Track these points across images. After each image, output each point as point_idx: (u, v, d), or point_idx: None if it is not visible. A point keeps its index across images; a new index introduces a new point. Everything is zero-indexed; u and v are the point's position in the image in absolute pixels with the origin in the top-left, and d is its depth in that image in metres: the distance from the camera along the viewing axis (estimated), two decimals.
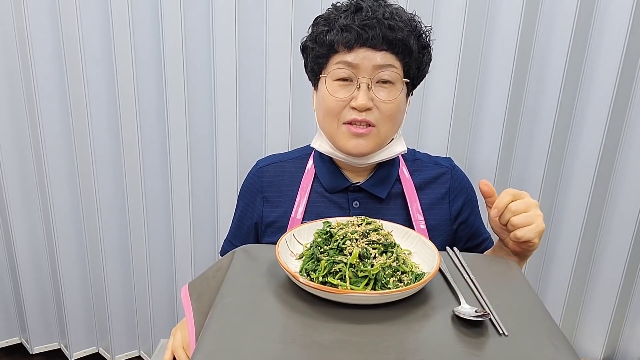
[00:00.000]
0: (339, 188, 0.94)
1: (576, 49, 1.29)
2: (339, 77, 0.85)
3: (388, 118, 0.86)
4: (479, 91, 1.36)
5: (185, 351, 0.84)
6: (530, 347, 0.57)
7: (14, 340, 1.81)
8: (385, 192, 0.94)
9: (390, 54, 0.83)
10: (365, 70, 0.83)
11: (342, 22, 0.83)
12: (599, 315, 1.52)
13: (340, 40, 0.83)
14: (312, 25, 0.90)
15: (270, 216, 0.98)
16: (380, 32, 0.81)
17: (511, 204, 0.77)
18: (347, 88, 0.85)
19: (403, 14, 0.85)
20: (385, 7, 0.85)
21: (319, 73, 0.89)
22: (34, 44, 1.39)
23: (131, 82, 1.41)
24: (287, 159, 1.02)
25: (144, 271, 1.62)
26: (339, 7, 0.87)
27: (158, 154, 1.49)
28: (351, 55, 0.83)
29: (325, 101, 0.87)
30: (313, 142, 0.95)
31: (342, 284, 0.65)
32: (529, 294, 0.70)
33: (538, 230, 0.78)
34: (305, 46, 0.91)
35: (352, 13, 0.84)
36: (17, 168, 1.55)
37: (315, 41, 0.87)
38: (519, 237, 0.77)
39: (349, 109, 0.85)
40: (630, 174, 1.37)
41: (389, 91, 0.85)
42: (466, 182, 1.00)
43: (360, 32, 0.81)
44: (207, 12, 1.34)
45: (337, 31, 0.83)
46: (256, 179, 1.01)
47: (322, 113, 0.89)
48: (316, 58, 0.88)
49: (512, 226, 0.78)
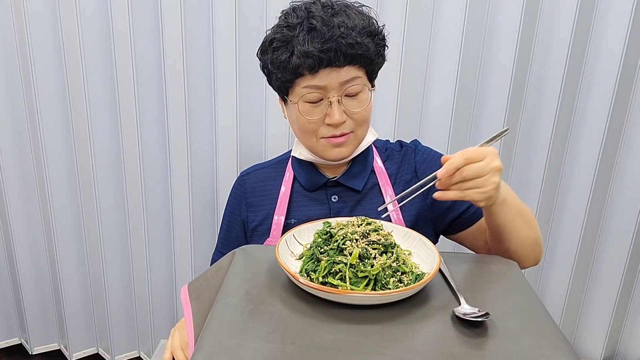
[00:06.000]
0: (317, 185, 0.98)
1: (576, 49, 1.29)
2: (309, 100, 0.87)
3: (362, 123, 0.91)
4: (479, 91, 1.36)
5: (184, 351, 0.84)
6: (530, 347, 0.57)
7: (13, 340, 1.81)
8: (362, 183, 0.97)
9: (352, 66, 0.86)
10: (333, 88, 0.86)
11: (301, 49, 0.83)
12: (599, 315, 1.52)
13: (303, 65, 0.84)
14: (269, 47, 0.88)
15: (254, 220, 1.02)
16: (340, 51, 0.83)
17: (463, 168, 0.71)
18: (319, 107, 0.88)
19: (356, 20, 0.85)
20: (336, 15, 0.84)
21: (287, 94, 0.91)
22: (34, 44, 1.39)
23: (131, 82, 1.40)
24: (267, 166, 1.08)
25: (143, 272, 1.62)
26: (290, 24, 0.85)
27: (158, 154, 1.49)
28: (317, 78, 0.85)
29: (300, 122, 0.90)
30: (293, 151, 1.01)
31: (342, 284, 0.65)
32: (529, 294, 0.70)
33: (485, 195, 0.73)
34: (267, 68, 0.91)
35: (307, 33, 0.83)
36: (17, 169, 1.55)
37: (279, 67, 0.87)
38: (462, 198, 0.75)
39: (325, 126, 0.89)
40: (630, 174, 1.37)
41: (359, 100, 0.89)
42: (432, 155, 1.00)
43: (321, 56, 0.82)
44: (207, 13, 1.34)
45: (299, 57, 0.83)
46: (239, 187, 1.07)
47: (298, 131, 0.93)
48: (282, 82, 0.89)
49: (460, 191, 0.74)
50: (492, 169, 0.72)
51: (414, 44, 1.32)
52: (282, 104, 0.98)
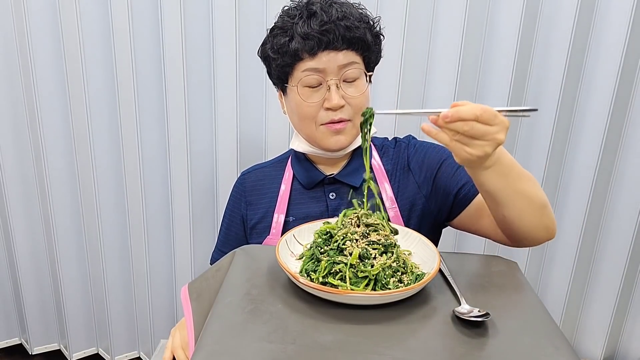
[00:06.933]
0: (315, 182, 0.99)
1: (576, 49, 1.29)
2: (308, 84, 0.89)
3: (359, 110, 0.90)
4: (480, 91, 1.36)
5: (184, 351, 0.84)
6: (530, 347, 0.57)
7: (14, 340, 1.81)
8: (359, 180, 0.97)
9: (351, 51, 0.89)
10: (332, 71, 0.88)
11: (301, 31, 0.86)
12: (599, 315, 1.52)
13: (303, 48, 0.87)
14: (269, 36, 0.93)
15: (254, 218, 1.03)
16: (339, 33, 0.86)
17: (469, 122, 0.64)
18: (318, 92, 0.90)
19: (353, 10, 0.90)
20: (334, 5, 0.88)
21: (287, 81, 0.93)
22: (34, 44, 1.39)
23: (131, 82, 1.40)
24: (267, 165, 1.10)
25: (143, 272, 1.62)
26: (290, 14, 0.90)
27: (158, 154, 1.49)
28: (315, 60, 0.87)
29: (299, 107, 0.91)
30: (291, 144, 1.01)
31: (342, 284, 0.65)
32: (529, 294, 0.70)
33: (469, 158, 0.68)
34: (267, 56, 0.94)
35: (307, 18, 0.87)
36: (17, 169, 1.55)
37: (278, 52, 0.90)
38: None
39: (323, 110, 0.90)
40: (630, 174, 1.37)
41: (357, 86, 0.91)
42: (423, 147, 1.00)
43: (321, 37, 0.85)
44: (207, 12, 1.34)
45: (298, 39, 0.86)
46: (239, 186, 1.08)
47: (297, 118, 0.94)
48: (281, 67, 0.91)
49: (449, 137, 0.68)
50: (494, 138, 0.66)
51: (414, 44, 1.32)
52: (281, 99, 1.00)
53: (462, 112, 0.64)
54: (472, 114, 0.64)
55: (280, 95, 1.00)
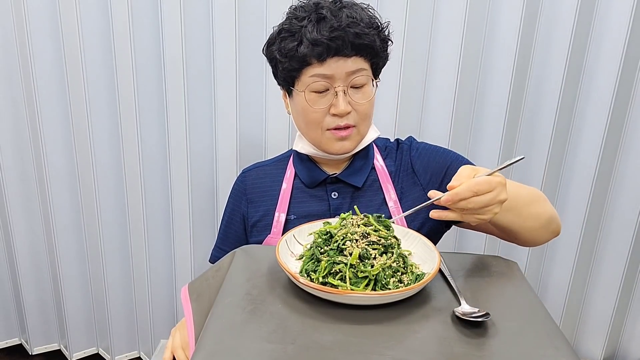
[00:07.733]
0: (318, 181, 0.99)
1: (576, 49, 1.29)
2: (316, 89, 0.88)
3: (365, 117, 0.92)
4: (480, 92, 1.36)
5: (184, 351, 0.84)
6: (530, 347, 0.57)
7: (13, 340, 1.81)
8: (362, 180, 0.97)
9: (359, 57, 0.88)
10: (340, 78, 0.87)
11: (310, 36, 0.84)
12: (599, 315, 1.52)
13: (311, 54, 0.86)
14: (277, 37, 0.91)
15: (254, 216, 1.03)
16: (349, 40, 0.85)
17: (470, 200, 0.68)
18: (325, 97, 0.89)
19: (363, 14, 0.88)
20: (344, 9, 0.87)
21: (293, 84, 0.92)
22: (34, 44, 1.39)
23: (131, 82, 1.40)
24: (268, 164, 1.09)
25: (143, 272, 1.62)
26: (299, 16, 0.88)
27: (158, 154, 1.49)
28: (324, 67, 0.86)
29: (306, 112, 0.91)
30: (295, 145, 1.01)
31: (342, 284, 0.65)
32: (529, 294, 0.70)
33: (482, 221, 0.72)
34: (274, 58, 0.92)
35: (317, 23, 0.85)
36: (17, 169, 1.55)
37: (286, 56, 0.88)
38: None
39: (329, 116, 0.90)
40: (631, 174, 1.37)
41: (363, 92, 0.90)
42: (426, 150, 1.00)
43: (330, 44, 0.84)
44: (207, 12, 1.34)
45: (307, 45, 0.85)
46: (240, 183, 1.07)
47: (303, 122, 0.94)
48: (288, 71, 0.90)
49: (459, 214, 0.72)
50: (497, 201, 0.70)
51: (414, 43, 1.32)
52: (286, 99, 0.99)
53: (461, 193, 0.67)
54: (470, 192, 0.67)
55: (285, 96, 0.99)
